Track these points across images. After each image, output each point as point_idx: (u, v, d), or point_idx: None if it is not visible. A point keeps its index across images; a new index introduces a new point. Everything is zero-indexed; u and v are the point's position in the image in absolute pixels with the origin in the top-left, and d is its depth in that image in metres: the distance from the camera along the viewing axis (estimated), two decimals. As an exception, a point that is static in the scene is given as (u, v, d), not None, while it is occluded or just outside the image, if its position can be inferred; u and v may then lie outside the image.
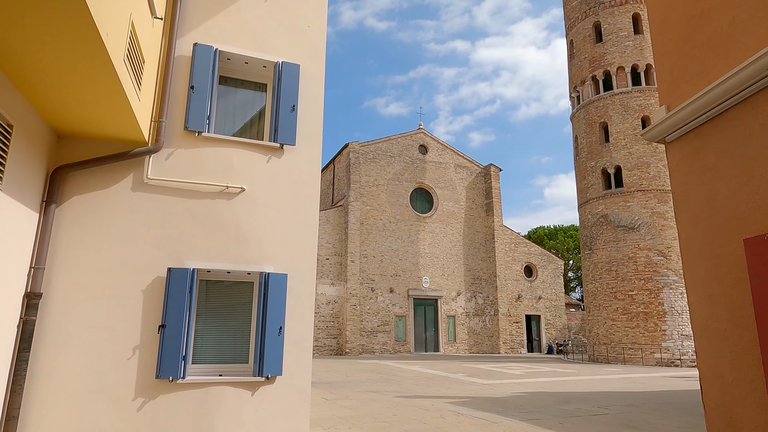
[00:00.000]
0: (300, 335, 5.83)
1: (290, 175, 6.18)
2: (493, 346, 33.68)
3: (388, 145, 33.75)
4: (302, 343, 5.83)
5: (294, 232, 6.04)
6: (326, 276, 30.39)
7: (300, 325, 5.86)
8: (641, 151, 27.65)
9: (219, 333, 5.78)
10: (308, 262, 6.05)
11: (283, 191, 6.11)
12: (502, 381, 16.32)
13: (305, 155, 6.30)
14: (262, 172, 6.05)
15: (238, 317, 5.89)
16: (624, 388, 14.95)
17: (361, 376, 17.05)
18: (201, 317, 5.72)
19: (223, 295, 5.90)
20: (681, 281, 25.77)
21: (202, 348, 5.66)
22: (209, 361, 5.65)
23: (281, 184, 6.11)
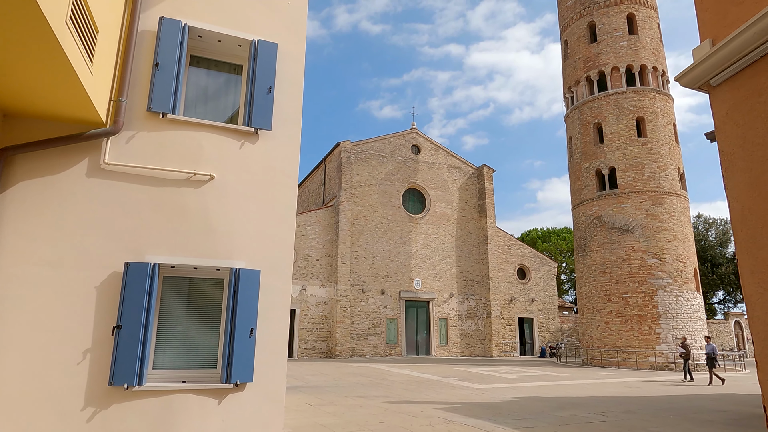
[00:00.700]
0: (274, 337, 5.31)
1: (265, 163, 5.67)
2: (485, 349, 33.24)
3: (380, 145, 33.27)
4: (276, 346, 5.31)
5: (269, 225, 5.52)
6: (316, 277, 29.82)
7: (274, 326, 5.34)
8: (636, 152, 27.36)
9: (184, 335, 5.25)
10: (284, 257, 5.52)
11: (258, 180, 5.59)
12: (495, 385, 15.84)
13: (282, 141, 5.79)
14: (234, 159, 5.53)
15: (205, 317, 5.36)
16: (620, 393, 14.52)
17: (350, 380, 16.51)
18: (164, 317, 5.18)
19: (189, 292, 5.37)
20: (675, 284, 25.48)
21: (164, 351, 5.12)
22: (172, 366, 5.11)
23: (255, 172, 5.60)
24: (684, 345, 19.29)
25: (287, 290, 5.47)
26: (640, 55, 28.78)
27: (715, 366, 18.17)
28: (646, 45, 29.04)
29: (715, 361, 18.24)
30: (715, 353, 18.31)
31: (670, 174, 27.14)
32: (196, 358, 5.23)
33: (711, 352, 18.28)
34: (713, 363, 18.13)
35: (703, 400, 13.15)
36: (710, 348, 18.39)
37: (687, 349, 19.10)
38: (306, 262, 29.74)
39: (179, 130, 5.36)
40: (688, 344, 19.27)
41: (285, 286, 5.47)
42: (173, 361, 5.14)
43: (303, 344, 28.75)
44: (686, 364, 19.06)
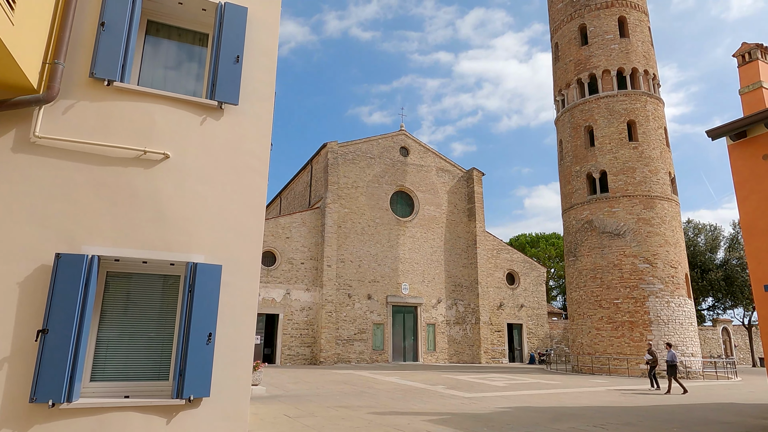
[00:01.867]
0: (237, 345, 4.54)
1: (231, 142, 4.91)
2: (473, 355, 32.56)
3: (368, 146, 32.59)
4: (239, 354, 4.54)
5: (233, 214, 4.76)
6: (301, 281, 28.95)
7: (237, 331, 4.57)
8: (627, 156, 26.99)
9: (129, 341, 4.46)
10: (250, 251, 4.77)
11: (221, 161, 4.84)
12: (485, 394, 15.14)
13: (251, 119, 5.05)
14: (194, 137, 4.77)
15: (156, 320, 4.58)
16: (616, 402, 13.90)
17: (333, 389, 15.70)
18: (106, 320, 4.39)
19: (137, 291, 4.59)
20: (667, 290, 25.07)
21: (104, 361, 4.32)
22: (113, 377, 4.32)
23: (219, 152, 4.84)
24: (650, 352, 18.44)
25: (254, 289, 4.71)
26: (632, 58, 28.51)
27: (675, 374, 17.36)
28: (637, 48, 28.79)
29: (676, 368, 17.49)
30: (675, 361, 17.49)
31: (661, 178, 26.81)
32: (143, 369, 4.44)
33: (672, 359, 17.47)
34: (674, 371, 17.35)
35: (703, 411, 12.57)
36: (671, 355, 17.58)
37: (654, 356, 18.29)
38: (290, 265, 28.87)
39: (128, 100, 4.59)
40: (654, 351, 18.41)
41: (251, 284, 4.71)
42: (115, 373, 4.34)
43: (286, 350, 27.83)
44: (653, 372, 18.26)
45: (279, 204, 42.48)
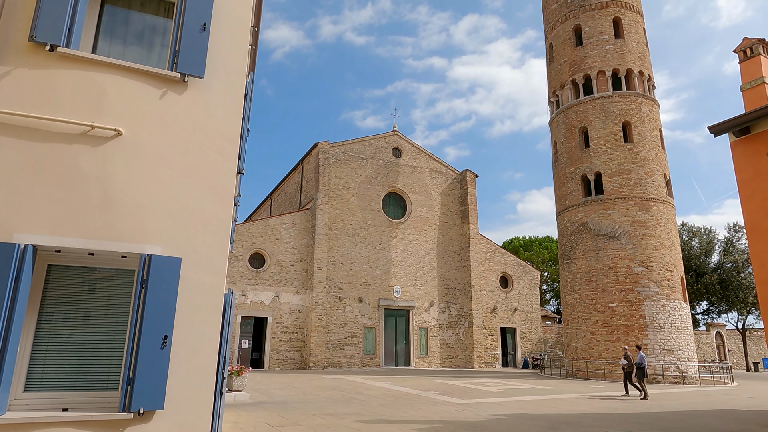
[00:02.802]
0: (198, 348, 3.96)
1: (195, 120, 4.35)
2: (466, 360, 32.01)
3: (360, 147, 32.05)
4: (201, 359, 3.96)
5: (196, 200, 4.19)
6: (290, 284, 28.30)
7: (199, 333, 3.99)
8: (622, 158, 26.64)
9: (73, 345, 3.86)
10: (216, 243, 4.20)
11: (184, 141, 4.27)
12: (479, 400, 14.59)
13: (219, 94, 4.48)
14: (152, 112, 4.20)
15: (105, 321, 3.99)
16: (613, 409, 13.40)
17: (321, 395, 15.08)
18: (45, 320, 3.80)
19: (84, 287, 3.99)
20: (662, 293, 24.68)
21: (42, 368, 3.73)
22: (51, 387, 3.72)
23: (181, 130, 4.27)
24: (626, 356, 17.43)
25: (219, 286, 4.14)
26: (627, 59, 28.21)
27: (644, 377, 16.53)
28: (632, 49, 28.50)
29: (645, 371, 16.66)
30: (644, 363, 16.73)
31: (656, 180, 26.48)
32: (88, 377, 3.85)
33: (641, 362, 16.70)
34: (643, 374, 16.55)
35: (704, 418, 12.09)
36: (640, 358, 16.80)
37: (629, 360, 17.29)
38: (280, 267, 28.22)
39: (75, 69, 4.01)
40: (630, 355, 17.30)
41: (216, 280, 4.13)
42: (54, 382, 3.75)
43: (275, 354, 27.14)
44: (628, 377, 17.17)
45: (269, 206, 41.81)
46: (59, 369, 3.80)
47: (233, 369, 14.04)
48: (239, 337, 26.46)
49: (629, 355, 17.35)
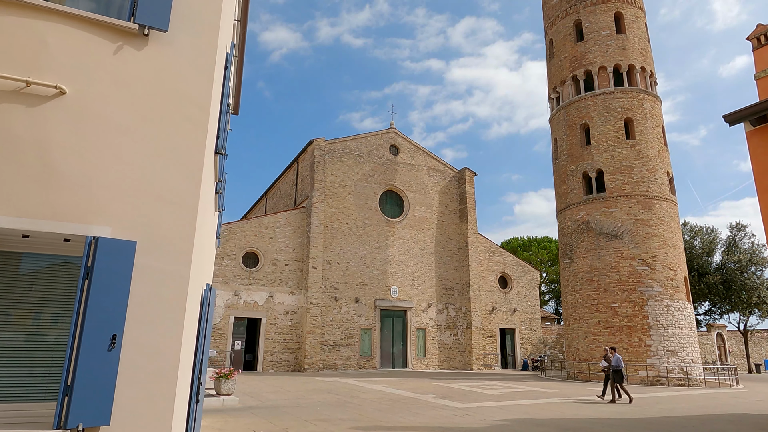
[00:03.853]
0: (156, 351, 3.30)
1: (157, 80, 3.68)
2: (465, 361, 31.35)
3: (356, 144, 31.38)
4: (160, 364, 3.29)
5: (158, 175, 3.53)
6: (285, 283, 27.59)
7: (158, 333, 3.33)
8: (624, 155, 26.07)
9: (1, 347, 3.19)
10: (181, 225, 3.54)
11: (143, 105, 3.60)
12: (479, 404, 13.94)
13: (187, 52, 3.82)
14: (104, 69, 3.53)
15: (43, 318, 3.32)
16: (620, 414, 12.77)
17: (315, 399, 14.40)
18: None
19: (16, 277, 3.32)
20: (666, 293, 24.09)
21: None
22: (-28, 398, 3.04)
23: (139, 92, 3.61)
24: (607, 358, 16.47)
25: (183, 276, 3.47)
26: (628, 55, 27.66)
27: (621, 380, 15.66)
28: (634, 45, 27.96)
29: (622, 374, 15.78)
30: (621, 366, 15.83)
31: (659, 178, 25.91)
32: (18, 386, 3.17)
33: (617, 364, 15.77)
34: (620, 377, 15.67)
35: (718, 423, 11.47)
36: (616, 360, 15.85)
37: (610, 362, 16.27)
38: (274, 267, 27.52)
39: (6, 14, 3.34)
40: (610, 357, 16.24)
41: (179, 269, 3.47)
42: (-24, 391, 3.07)
43: (269, 356, 26.42)
44: (609, 379, 16.29)
45: (265, 204, 41.10)
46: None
47: (222, 372, 13.36)
48: (232, 338, 25.76)
49: (610, 357, 16.34)
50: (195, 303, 4.64)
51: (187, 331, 3.82)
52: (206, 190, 4.44)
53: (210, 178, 5.00)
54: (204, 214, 4.50)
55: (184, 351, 3.59)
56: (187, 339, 3.79)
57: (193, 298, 4.21)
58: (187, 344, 3.97)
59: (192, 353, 5.03)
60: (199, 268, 4.70)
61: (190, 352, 4.43)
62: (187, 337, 3.89)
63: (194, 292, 4.26)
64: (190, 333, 4.11)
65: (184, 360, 3.80)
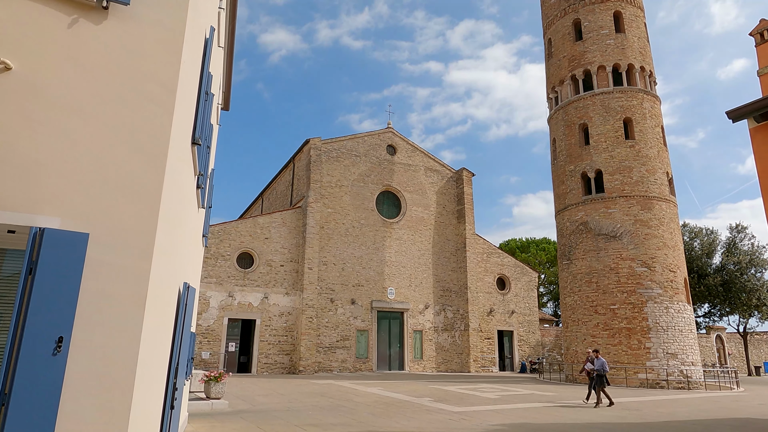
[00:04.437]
0: (111, 356, 2.97)
1: (117, 58, 3.36)
2: (462, 364, 31.01)
3: (353, 144, 31.07)
4: (116, 371, 2.96)
5: (116, 161, 3.21)
6: (280, 284, 27.24)
7: (113, 335, 3.00)
8: (623, 155, 25.79)
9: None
10: (142, 216, 3.21)
11: (99, 83, 3.28)
12: (476, 408, 13.61)
13: (152, 28, 3.50)
14: (57, 44, 3.21)
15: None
16: (621, 418, 12.45)
17: (307, 402, 14.06)
18: None
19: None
20: (665, 295, 23.79)
21: None
22: None
23: (96, 69, 3.29)
24: (591, 360, 15.88)
25: (143, 272, 3.15)
26: (628, 54, 27.41)
27: (604, 384, 15.03)
28: (633, 44, 27.71)
29: (604, 378, 15.12)
30: (605, 369, 15.19)
31: (659, 178, 25.64)
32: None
33: (601, 368, 15.16)
34: (603, 381, 15.04)
35: (721, 428, 11.15)
36: (600, 363, 15.26)
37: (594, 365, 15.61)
38: (269, 267, 27.17)
39: (-53, -19, 3.03)
40: (594, 359, 15.64)
41: (139, 264, 3.15)
42: None
43: (263, 358, 26.06)
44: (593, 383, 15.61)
45: (261, 205, 40.76)
46: None
47: (212, 374, 13.01)
48: (225, 340, 25.40)
49: (593, 359, 15.77)
50: (166, 303, 4.31)
51: (151, 333, 3.50)
52: (177, 181, 4.12)
53: (184, 169, 4.68)
54: (175, 207, 4.17)
55: (145, 355, 3.26)
56: (150, 341, 3.47)
57: (161, 297, 3.89)
58: (153, 347, 3.64)
59: (164, 357, 4.69)
60: (170, 265, 4.37)
61: (158, 355, 4.10)
62: (152, 339, 3.56)
63: (162, 291, 3.93)
64: (156, 335, 3.78)
65: (148, 365, 3.48)
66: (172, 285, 4.67)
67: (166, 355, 4.82)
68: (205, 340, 24.88)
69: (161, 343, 4.24)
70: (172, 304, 4.89)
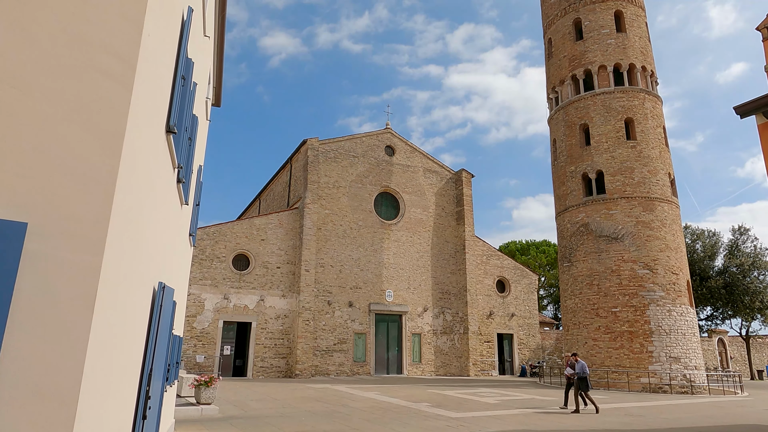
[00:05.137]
0: (51, 365, 2.58)
1: (66, 24, 2.97)
2: (462, 367, 30.56)
3: (351, 144, 30.70)
4: (55, 381, 2.56)
5: (62, 142, 2.81)
6: (276, 287, 26.83)
7: (53, 341, 2.61)
8: (625, 155, 25.43)
9: None
10: (92, 205, 2.82)
11: (44, 53, 2.89)
12: (475, 414, 13.20)
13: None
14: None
15: None
16: (624, 425, 12.03)
17: (301, 407, 13.64)
18: None
19: None
20: (668, 297, 23.39)
21: None
22: None
23: (38, 35, 2.90)
24: (571, 365, 15.25)
25: (92, 268, 2.75)
26: (629, 54, 27.09)
27: (587, 388, 14.44)
28: (634, 43, 27.39)
29: (587, 382, 14.54)
30: (585, 372, 14.59)
31: (660, 179, 25.28)
32: None
33: (581, 371, 14.56)
34: (586, 385, 14.46)
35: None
36: (581, 367, 14.65)
37: (575, 369, 14.98)
38: (265, 269, 26.76)
39: None
40: (575, 363, 14.98)
41: (87, 259, 2.75)
42: None
43: (259, 362, 25.62)
44: (570, 387, 15.28)
45: (258, 206, 40.37)
46: None
47: (202, 379, 12.60)
48: (221, 343, 24.97)
49: (574, 363, 15.17)
50: (132, 303, 3.92)
51: (106, 337, 3.10)
52: (143, 169, 3.74)
53: (156, 158, 4.29)
54: (141, 199, 3.79)
55: (96, 361, 2.86)
56: (104, 346, 3.07)
57: (122, 297, 3.50)
58: (110, 353, 3.25)
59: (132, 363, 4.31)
60: (138, 263, 3.98)
61: (121, 362, 3.70)
62: (109, 343, 3.17)
63: (125, 290, 3.54)
64: (117, 339, 3.39)
65: (101, 372, 3.08)
66: (140, 284, 4.28)
67: (135, 360, 4.43)
68: (199, 343, 24.45)
69: (126, 348, 3.85)
70: (142, 306, 4.51)
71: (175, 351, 8.00)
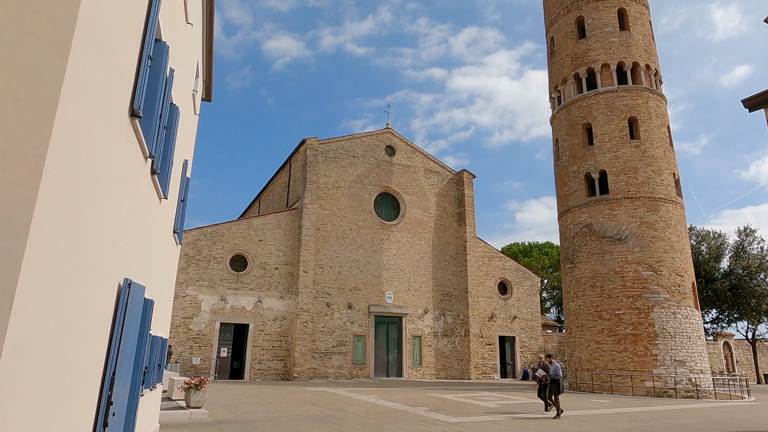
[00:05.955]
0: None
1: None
2: (462, 370, 30.11)
3: (351, 144, 30.37)
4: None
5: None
6: (274, 288, 26.47)
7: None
8: (628, 155, 24.99)
9: None
10: (15, 187, 2.47)
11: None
12: (473, 418, 12.78)
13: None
14: None
15: None
16: (628, 431, 11.59)
17: (295, 411, 13.26)
18: None
19: None
20: (673, 299, 22.91)
21: None
22: None
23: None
24: (544, 366, 14.62)
25: (12, 258, 2.39)
26: (632, 52, 26.67)
27: (560, 391, 13.81)
28: (638, 42, 26.98)
29: (560, 384, 13.91)
30: (558, 375, 13.98)
31: (665, 179, 24.82)
32: None
33: (555, 373, 14.01)
34: (558, 388, 13.84)
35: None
36: (554, 369, 14.10)
37: (547, 370, 14.42)
38: (263, 270, 26.41)
39: None
40: (548, 365, 14.41)
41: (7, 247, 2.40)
42: None
43: (257, 364, 25.25)
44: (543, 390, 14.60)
45: (258, 207, 40.06)
46: None
47: (191, 382, 12.23)
48: (217, 345, 24.61)
49: (547, 365, 14.56)
50: (83, 300, 3.56)
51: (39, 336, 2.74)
52: (95, 151, 3.38)
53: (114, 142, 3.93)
54: (92, 184, 3.43)
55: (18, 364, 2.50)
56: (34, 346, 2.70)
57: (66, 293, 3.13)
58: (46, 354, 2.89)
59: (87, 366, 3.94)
60: (93, 256, 3.61)
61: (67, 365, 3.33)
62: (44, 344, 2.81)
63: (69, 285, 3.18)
64: (58, 339, 3.03)
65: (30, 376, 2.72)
66: (97, 280, 3.91)
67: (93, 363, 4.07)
68: (196, 345, 24.10)
69: (75, 348, 3.48)
70: (101, 303, 4.14)
71: (155, 352, 7.63)
